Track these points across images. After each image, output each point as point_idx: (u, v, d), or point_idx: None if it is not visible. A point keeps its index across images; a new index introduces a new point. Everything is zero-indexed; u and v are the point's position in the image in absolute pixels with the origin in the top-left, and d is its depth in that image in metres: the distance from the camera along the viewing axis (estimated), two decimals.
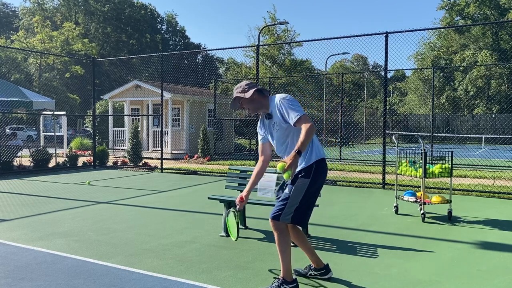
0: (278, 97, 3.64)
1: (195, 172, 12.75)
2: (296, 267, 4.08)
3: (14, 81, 32.24)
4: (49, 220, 6.34)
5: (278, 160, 3.64)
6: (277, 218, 3.61)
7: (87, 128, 30.99)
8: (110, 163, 14.87)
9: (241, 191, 5.91)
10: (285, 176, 3.21)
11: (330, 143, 26.28)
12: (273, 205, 5.36)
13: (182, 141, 19.57)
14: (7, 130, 25.43)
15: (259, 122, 3.90)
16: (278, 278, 3.64)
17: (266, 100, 3.72)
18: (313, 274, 3.99)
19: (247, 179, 5.82)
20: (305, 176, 3.60)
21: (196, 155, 17.78)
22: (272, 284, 3.62)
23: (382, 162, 10.06)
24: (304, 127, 3.38)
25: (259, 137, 3.91)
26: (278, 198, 3.83)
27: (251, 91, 3.65)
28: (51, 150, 14.43)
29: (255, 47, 13.57)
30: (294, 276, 3.69)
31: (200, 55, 55.70)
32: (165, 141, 17.62)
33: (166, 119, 18.63)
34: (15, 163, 13.02)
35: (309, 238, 5.28)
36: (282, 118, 3.58)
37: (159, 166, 13.49)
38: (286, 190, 3.67)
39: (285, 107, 3.54)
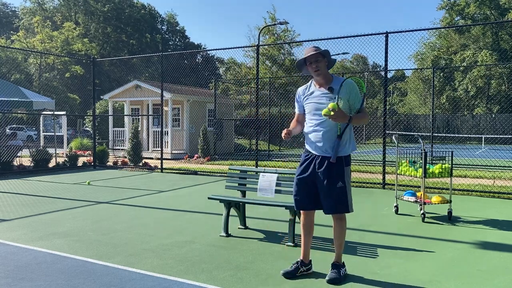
0: (351, 81, 3.91)
1: (195, 172, 12.75)
2: (284, 269, 4.09)
3: (14, 81, 32.24)
4: (49, 220, 6.34)
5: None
6: (346, 210, 3.93)
7: (87, 128, 30.99)
8: (110, 163, 14.87)
9: (241, 191, 5.94)
10: (327, 109, 3.68)
11: None
12: (273, 205, 5.38)
13: (182, 141, 19.57)
14: (7, 130, 25.42)
15: (300, 91, 4.08)
16: (335, 264, 3.97)
17: (330, 75, 3.98)
18: (303, 270, 4.05)
19: (247, 179, 5.83)
20: (347, 164, 3.93)
21: (196, 155, 17.77)
22: (333, 270, 3.92)
23: (382, 162, 10.06)
24: (365, 114, 3.93)
25: (296, 107, 4.11)
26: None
27: (326, 60, 3.93)
28: (51, 150, 14.42)
29: (255, 47, 13.57)
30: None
31: (200, 55, 55.69)
32: (165, 141, 17.60)
33: (166, 119, 18.62)
34: (15, 163, 13.02)
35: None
36: (348, 101, 3.83)
37: (159, 166, 13.49)
38: (338, 182, 3.83)
39: (358, 95, 3.88)
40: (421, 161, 6.49)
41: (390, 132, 19.39)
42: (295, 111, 4.14)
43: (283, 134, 3.93)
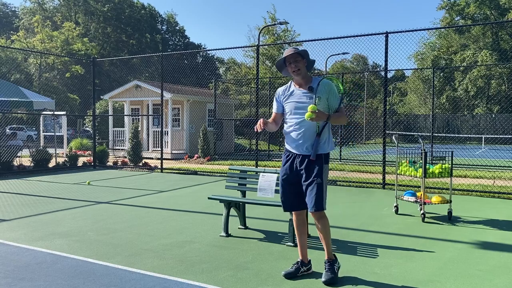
0: (329, 81, 3.94)
1: (195, 172, 12.75)
2: (285, 270, 4.10)
3: (14, 81, 32.23)
4: (49, 220, 6.34)
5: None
6: (322, 208, 3.84)
7: (87, 128, 30.99)
8: (110, 163, 14.87)
9: (241, 191, 5.94)
10: (309, 113, 3.71)
11: None
12: (273, 205, 5.38)
13: (182, 141, 19.57)
14: (7, 130, 25.43)
15: (280, 91, 4.09)
16: (327, 261, 3.93)
17: (309, 75, 3.99)
18: (304, 270, 4.06)
19: (247, 179, 5.83)
20: (326, 162, 3.90)
21: (196, 155, 17.78)
22: (328, 268, 3.89)
23: (382, 162, 10.06)
24: (343, 113, 3.95)
25: (274, 106, 4.13)
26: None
27: (305, 60, 3.95)
28: (51, 150, 14.43)
29: (255, 47, 13.57)
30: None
31: (200, 55, 55.69)
32: (165, 141, 17.61)
33: (166, 119, 18.62)
34: (15, 163, 13.02)
35: (309, 238, 5.27)
36: (327, 100, 3.87)
37: (159, 166, 13.49)
38: (316, 179, 3.80)
39: (336, 95, 3.93)
40: (421, 161, 6.49)
41: (390, 132, 19.39)
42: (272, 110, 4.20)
43: (258, 124, 3.92)
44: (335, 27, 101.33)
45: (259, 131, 3.97)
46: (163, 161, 13.60)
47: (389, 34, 9.55)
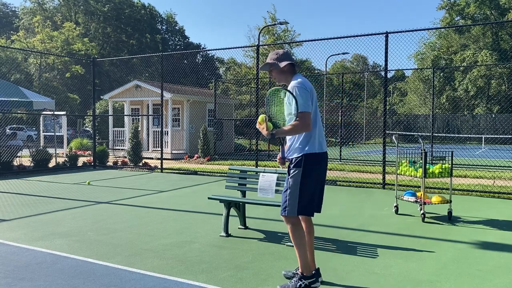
0: (295, 81, 3.66)
1: (195, 172, 12.75)
2: (284, 269, 4.09)
3: (14, 81, 32.23)
4: (49, 220, 6.34)
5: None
6: (285, 213, 3.72)
7: (87, 128, 30.99)
8: (110, 163, 14.87)
9: (241, 191, 5.94)
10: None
11: (330, 143, 26.28)
12: (273, 205, 5.40)
13: (182, 141, 19.57)
14: (7, 130, 25.43)
15: None
16: (297, 274, 3.70)
17: (292, 76, 3.80)
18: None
19: (247, 179, 5.83)
20: (297, 166, 3.66)
21: (196, 155, 17.77)
22: (292, 280, 3.69)
23: (382, 162, 10.06)
24: (295, 122, 3.54)
25: None
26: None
27: (285, 63, 3.76)
28: (51, 150, 14.42)
29: (255, 47, 13.57)
30: (313, 270, 3.75)
31: (200, 55, 55.70)
32: (165, 141, 17.61)
33: (166, 119, 18.62)
34: (15, 163, 13.02)
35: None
36: (289, 102, 3.65)
37: (159, 166, 13.49)
38: (286, 184, 3.77)
39: (297, 94, 3.59)
40: (421, 161, 6.50)
41: (390, 132, 19.39)
42: None
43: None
44: (335, 27, 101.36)
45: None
46: (163, 161, 13.60)
47: (389, 34, 9.55)
